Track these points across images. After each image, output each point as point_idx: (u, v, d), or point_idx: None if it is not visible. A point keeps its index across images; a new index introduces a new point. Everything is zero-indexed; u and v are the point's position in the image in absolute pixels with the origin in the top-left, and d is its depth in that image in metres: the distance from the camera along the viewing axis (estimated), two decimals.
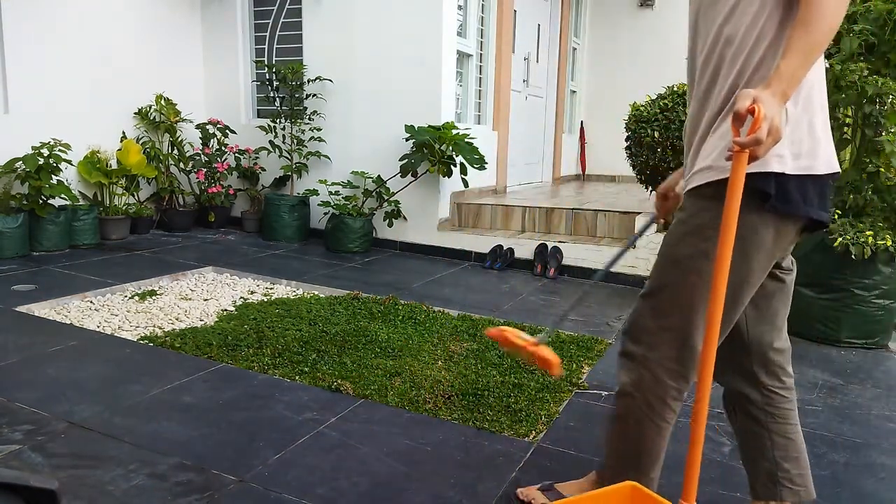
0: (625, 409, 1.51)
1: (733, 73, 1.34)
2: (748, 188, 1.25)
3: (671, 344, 1.42)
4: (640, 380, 1.46)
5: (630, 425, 1.50)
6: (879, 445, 2.21)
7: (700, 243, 1.36)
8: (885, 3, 3.39)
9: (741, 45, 1.33)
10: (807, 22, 1.20)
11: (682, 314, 1.40)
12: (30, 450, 1.92)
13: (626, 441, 1.53)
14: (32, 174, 4.40)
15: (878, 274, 3.18)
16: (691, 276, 1.38)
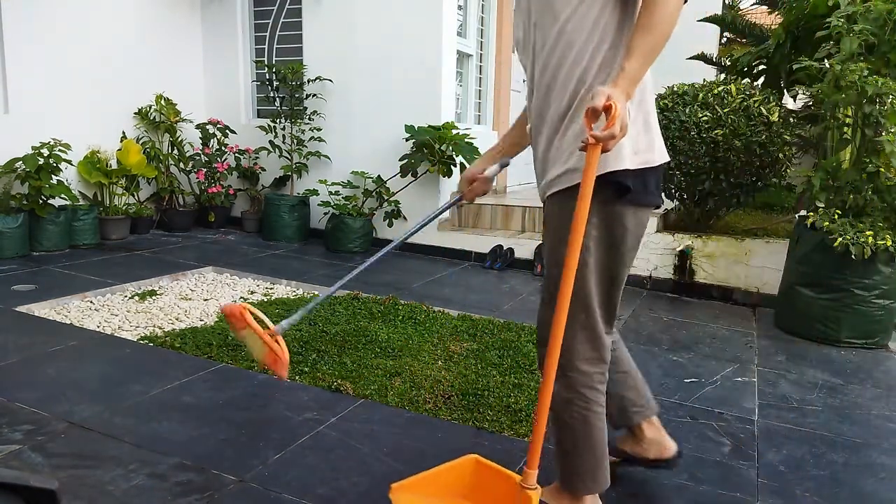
0: (569, 416, 1.57)
1: (576, 75, 1.45)
2: (607, 183, 1.42)
3: (584, 340, 1.55)
4: (572, 383, 1.55)
5: (578, 428, 1.58)
6: (879, 445, 2.21)
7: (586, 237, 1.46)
8: (885, 3, 3.39)
9: (583, 48, 1.43)
10: (649, 27, 1.33)
11: (586, 310, 1.53)
12: (30, 450, 1.92)
13: (581, 443, 1.59)
14: (32, 174, 4.40)
15: (878, 274, 3.18)
16: (583, 271, 1.49)
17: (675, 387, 2.64)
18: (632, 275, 4.37)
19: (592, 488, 1.61)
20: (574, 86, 1.45)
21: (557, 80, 1.47)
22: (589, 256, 1.48)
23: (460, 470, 1.46)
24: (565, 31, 1.44)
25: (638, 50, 1.33)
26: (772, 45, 4.43)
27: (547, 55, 1.48)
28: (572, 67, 1.45)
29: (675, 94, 4.26)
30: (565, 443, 1.60)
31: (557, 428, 1.61)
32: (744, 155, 3.98)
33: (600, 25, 1.43)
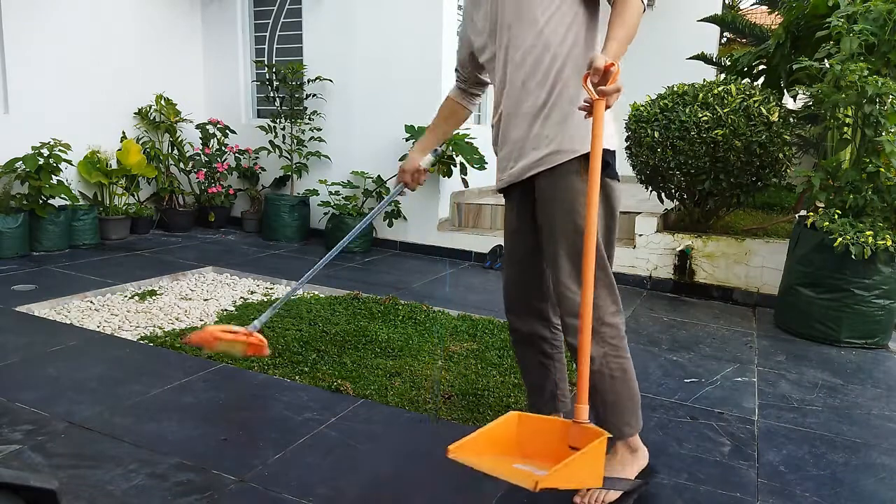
0: (608, 368, 1.74)
1: (553, 72, 1.66)
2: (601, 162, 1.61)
3: (606, 296, 1.74)
4: (604, 338, 1.73)
5: (617, 377, 1.75)
6: (879, 445, 2.21)
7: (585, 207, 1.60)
8: (885, 3, 3.39)
9: (558, 50, 1.65)
10: (624, 20, 1.55)
11: (602, 267, 1.72)
12: (30, 450, 1.92)
13: (623, 390, 1.77)
14: (32, 174, 4.40)
15: (878, 274, 3.18)
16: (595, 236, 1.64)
17: (675, 387, 2.64)
18: (632, 275, 4.38)
19: (637, 427, 1.82)
20: (552, 81, 1.67)
21: (535, 77, 1.68)
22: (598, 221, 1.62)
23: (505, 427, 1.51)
24: (544, 33, 1.65)
25: (617, 38, 1.53)
26: (772, 45, 4.43)
27: (524, 54, 1.68)
28: (550, 66, 1.66)
29: (675, 94, 4.25)
30: (607, 395, 1.75)
31: (599, 384, 1.73)
32: (744, 155, 3.98)
33: (573, 29, 1.66)
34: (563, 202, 1.71)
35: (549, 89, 1.68)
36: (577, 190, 1.69)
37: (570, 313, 1.74)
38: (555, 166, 1.70)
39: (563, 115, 1.68)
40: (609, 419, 1.77)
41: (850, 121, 3.52)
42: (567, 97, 1.67)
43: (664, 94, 4.33)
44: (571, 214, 1.70)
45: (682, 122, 4.07)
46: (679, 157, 4.11)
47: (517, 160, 1.76)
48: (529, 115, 1.71)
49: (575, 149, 1.67)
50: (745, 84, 4.23)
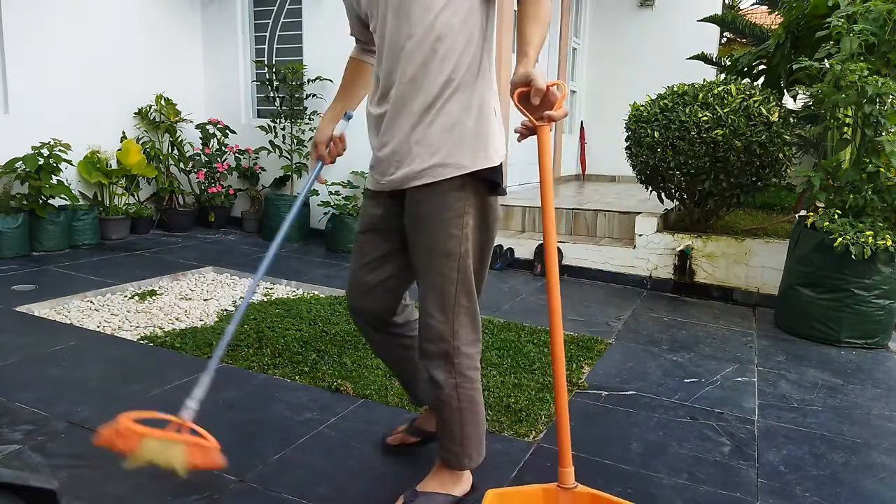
0: (457, 399, 1.64)
1: (446, 70, 1.49)
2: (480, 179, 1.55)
3: (467, 324, 1.62)
4: (459, 368, 1.62)
5: (465, 407, 1.66)
6: (879, 445, 2.21)
7: (461, 230, 1.56)
8: (885, 3, 3.39)
9: (452, 44, 1.49)
10: (538, 18, 1.44)
11: (467, 295, 1.61)
12: (30, 450, 1.92)
13: (469, 421, 1.68)
14: (32, 174, 4.40)
15: (878, 274, 3.18)
16: (464, 260, 1.58)
17: (675, 387, 2.64)
18: (632, 275, 4.38)
19: (477, 461, 1.74)
20: (443, 80, 1.50)
21: (427, 73, 1.50)
22: (469, 245, 1.58)
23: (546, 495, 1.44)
24: (435, 26, 1.47)
25: (535, 39, 1.43)
26: (772, 45, 4.43)
27: (415, 46, 1.49)
28: (442, 63, 1.49)
29: (676, 94, 4.25)
30: (453, 424, 1.67)
31: (445, 412, 1.66)
32: (744, 155, 3.98)
33: (468, 26, 1.50)
34: (436, 221, 1.55)
35: (438, 90, 1.50)
36: (451, 208, 1.54)
37: (427, 338, 1.62)
38: (436, 182, 1.54)
39: (450, 121, 1.52)
40: (452, 448, 1.70)
41: (850, 121, 3.52)
42: (458, 101, 1.52)
43: (664, 94, 4.34)
44: (442, 235, 1.55)
45: (682, 122, 4.07)
46: (679, 157, 4.11)
47: (398, 166, 1.58)
48: (415, 115, 1.53)
49: (462, 164, 1.52)
50: (746, 84, 4.23)
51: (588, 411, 2.38)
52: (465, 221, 1.56)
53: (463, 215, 1.56)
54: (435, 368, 1.63)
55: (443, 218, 1.55)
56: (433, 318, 1.60)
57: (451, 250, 1.56)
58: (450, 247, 1.56)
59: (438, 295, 1.59)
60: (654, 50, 7.99)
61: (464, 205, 1.55)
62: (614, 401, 2.48)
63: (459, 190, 1.55)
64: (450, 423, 1.67)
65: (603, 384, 2.63)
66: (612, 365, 2.85)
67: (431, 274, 1.59)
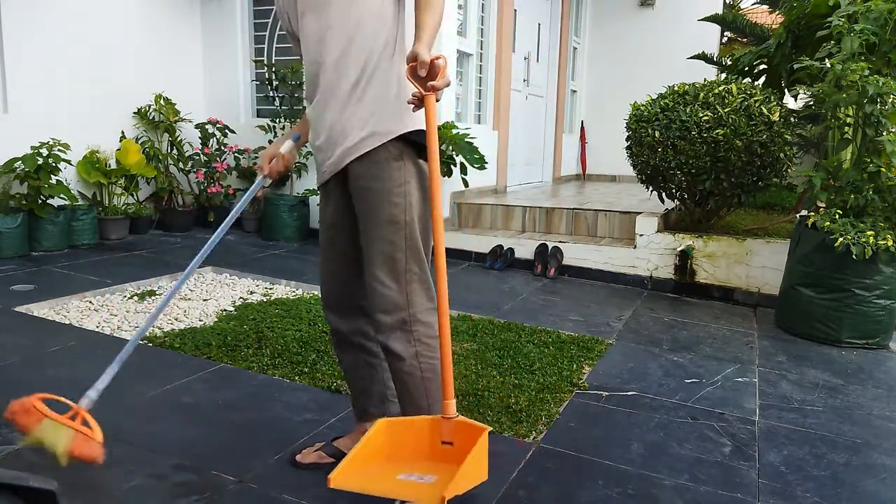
0: (418, 370, 1.63)
1: (365, 51, 1.59)
2: (412, 142, 1.60)
3: (421, 291, 1.64)
4: (415, 336, 1.63)
5: (428, 377, 1.64)
6: (880, 446, 2.20)
7: (405, 197, 1.60)
8: (885, 3, 3.38)
9: (371, 28, 1.59)
10: (430, 5, 1.53)
11: (418, 261, 1.64)
12: (30, 450, 1.91)
13: (432, 391, 1.65)
14: (32, 174, 4.39)
15: (879, 274, 3.18)
16: (410, 227, 1.61)
17: (675, 387, 2.63)
18: (632, 275, 4.37)
19: None
20: (364, 61, 1.59)
21: (349, 57, 1.59)
22: (414, 212, 1.61)
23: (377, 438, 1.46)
24: (352, 14, 1.58)
25: (428, 25, 1.51)
26: (772, 44, 4.43)
27: (334, 35, 1.59)
28: (361, 45, 1.59)
29: (676, 94, 4.25)
30: (420, 398, 1.65)
31: (410, 385, 1.64)
32: (745, 155, 3.97)
33: (382, 10, 1.61)
34: (378, 191, 1.60)
35: (359, 72, 1.59)
36: (392, 178, 1.59)
37: (381, 309, 1.63)
38: (369, 151, 1.60)
39: (374, 96, 1.60)
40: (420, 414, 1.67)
41: (850, 120, 3.51)
42: (379, 79, 1.60)
43: (665, 93, 4.33)
44: (386, 204, 1.60)
45: (682, 121, 4.07)
46: (680, 157, 4.11)
47: (334, 149, 1.64)
48: (343, 98, 1.60)
49: (390, 130, 1.58)
50: (746, 84, 4.23)
51: (588, 411, 2.37)
52: (407, 190, 1.60)
53: (404, 184, 1.60)
54: (394, 340, 1.62)
55: (385, 188, 1.60)
56: (385, 286, 1.61)
57: (396, 218, 1.60)
58: (395, 214, 1.60)
59: (389, 263, 1.61)
60: (654, 50, 7.99)
61: (403, 173, 1.60)
62: (615, 401, 2.47)
63: (398, 160, 1.60)
64: (417, 396, 1.64)
65: (603, 384, 2.62)
66: (612, 365, 2.85)
67: (379, 243, 1.61)
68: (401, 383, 1.66)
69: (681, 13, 7.81)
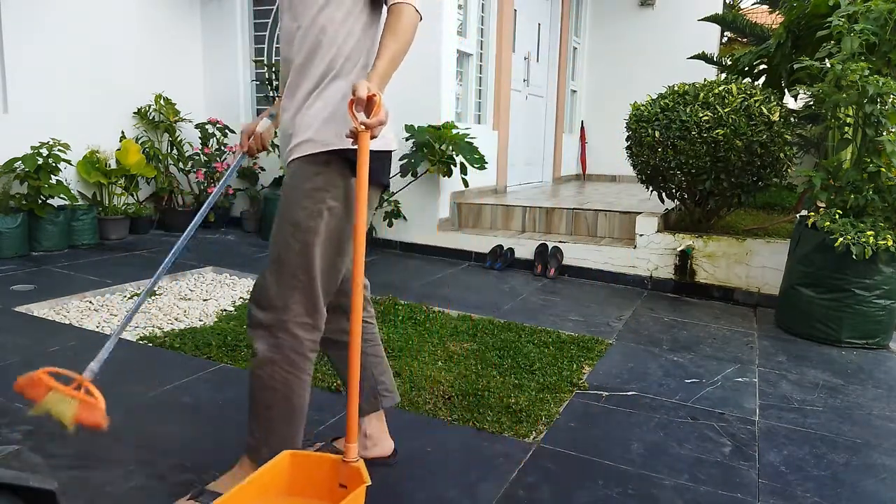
0: (269, 376, 1.57)
1: (327, 59, 1.57)
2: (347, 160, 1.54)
3: (301, 302, 1.56)
4: (279, 343, 1.56)
5: (279, 390, 1.57)
6: (880, 446, 2.20)
7: (315, 205, 1.54)
8: (885, 3, 3.38)
9: (334, 36, 1.56)
10: (395, 31, 1.49)
11: (307, 272, 1.56)
12: (30, 450, 1.91)
13: (278, 407, 1.58)
14: (32, 174, 4.39)
15: (879, 274, 3.18)
16: (310, 235, 1.55)
17: (675, 387, 2.63)
18: (632, 275, 4.37)
19: None
20: (323, 68, 1.57)
21: (312, 61, 1.58)
22: (321, 223, 1.55)
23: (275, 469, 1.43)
24: (318, 18, 1.56)
25: (388, 52, 1.47)
26: (772, 44, 4.43)
27: (302, 37, 1.58)
28: (324, 54, 1.57)
29: (676, 94, 4.25)
30: (259, 406, 1.59)
31: (255, 389, 1.58)
32: (745, 155, 3.97)
33: (352, 17, 1.58)
34: (293, 192, 1.57)
35: (320, 77, 1.57)
36: (313, 183, 1.55)
37: (255, 301, 1.59)
38: (304, 156, 1.57)
39: (326, 104, 1.56)
40: (254, 433, 1.61)
41: (850, 120, 3.51)
42: (336, 88, 1.58)
43: (665, 93, 4.33)
44: (295, 206, 1.55)
45: (682, 121, 4.07)
46: (680, 157, 4.11)
47: (286, 146, 1.64)
48: (301, 100, 1.60)
49: (328, 141, 1.54)
50: (746, 84, 4.23)
51: (588, 411, 2.38)
52: (321, 197, 1.54)
53: (321, 191, 1.54)
54: (258, 338, 1.57)
55: (299, 188, 1.56)
56: (268, 281, 1.57)
57: (298, 220, 1.54)
58: (298, 217, 1.54)
59: (277, 263, 1.56)
60: (654, 50, 7.99)
61: (324, 180, 1.55)
62: (615, 401, 2.47)
63: (323, 165, 1.55)
64: (258, 402, 1.59)
65: (603, 384, 2.62)
66: (612, 365, 2.85)
67: (276, 242, 1.57)
68: (249, 383, 1.60)
69: (681, 13, 7.81)
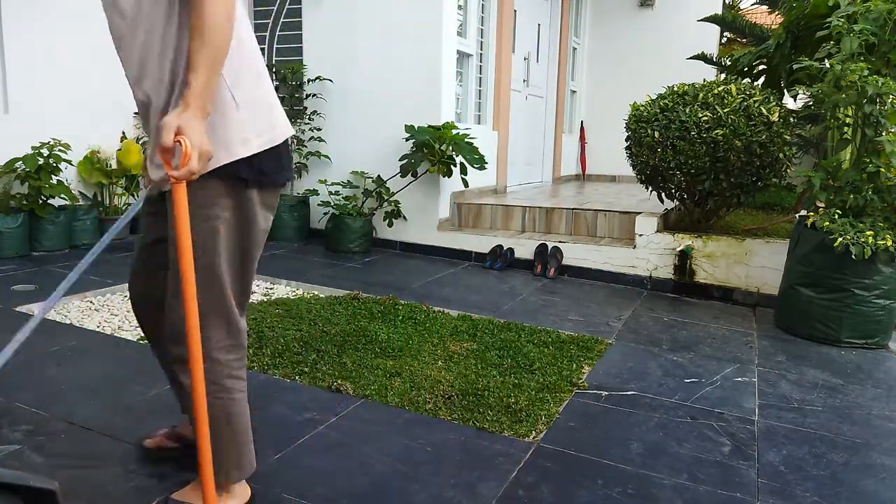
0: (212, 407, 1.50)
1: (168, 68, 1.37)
2: (230, 175, 1.40)
3: (217, 325, 1.50)
4: (207, 374, 1.46)
5: (218, 417, 1.53)
6: (880, 445, 2.21)
7: (208, 223, 1.44)
8: (885, 3, 3.39)
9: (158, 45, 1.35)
10: (200, 32, 1.24)
11: (216, 293, 1.48)
12: (30, 450, 1.92)
13: (226, 433, 1.56)
14: (32, 174, 4.39)
15: (879, 274, 3.18)
16: (211, 255, 1.46)
17: (675, 387, 2.64)
18: (632, 275, 4.38)
19: (237, 476, 1.60)
20: (169, 78, 1.37)
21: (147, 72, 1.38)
22: (219, 241, 1.45)
23: None
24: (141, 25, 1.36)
25: (198, 63, 1.25)
26: (772, 44, 4.43)
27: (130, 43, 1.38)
28: (161, 59, 1.36)
29: (676, 94, 4.26)
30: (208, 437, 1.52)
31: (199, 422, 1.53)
32: (744, 155, 3.98)
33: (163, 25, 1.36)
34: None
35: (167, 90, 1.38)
36: (198, 200, 1.41)
37: (175, 340, 1.51)
38: None
39: None
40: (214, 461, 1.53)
41: (850, 121, 3.51)
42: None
43: (664, 93, 4.34)
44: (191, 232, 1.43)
45: (682, 122, 4.07)
46: (679, 157, 4.11)
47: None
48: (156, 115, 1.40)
49: None
50: (746, 84, 4.23)
51: (588, 411, 2.38)
52: (213, 214, 1.43)
53: (210, 207, 1.42)
54: (183, 373, 1.51)
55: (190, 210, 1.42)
56: (177, 314, 1.47)
57: (195, 243, 1.40)
58: (195, 240, 1.40)
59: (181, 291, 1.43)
60: (654, 50, 7.99)
61: (210, 196, 1.42)
62: (614, 401, 2.48)
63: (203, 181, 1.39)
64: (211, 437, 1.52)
65: (603, 384, 2.63)
66: (612, 365, 2.85)
67: (175, 268, 1.45)
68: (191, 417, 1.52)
69: (681, 13, 7.81)
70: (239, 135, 1.41)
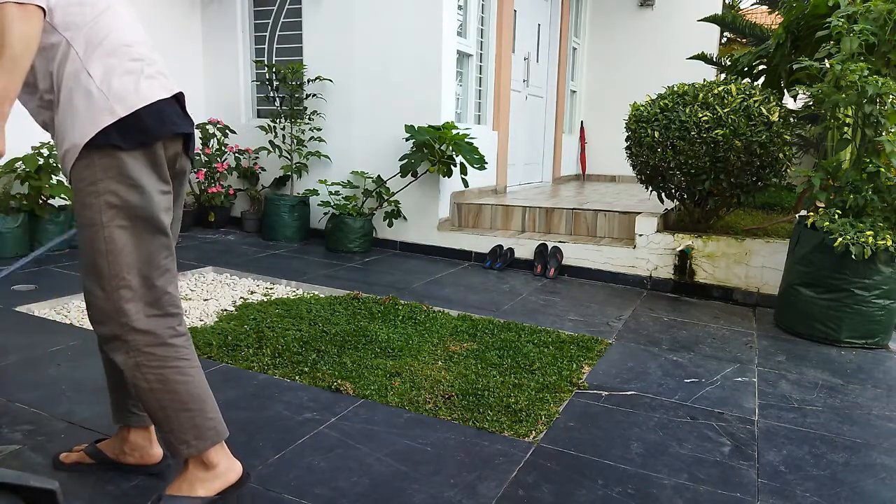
0: (144, 379, 1.52)
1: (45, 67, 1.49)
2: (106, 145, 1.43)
3: (134, 299, 1.50)
4: (133, 346, 1.50)
5: (158, 388, 1.53)
6: (880, 445, 2.21)
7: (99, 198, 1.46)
8: (885, 3, 3.39)
9: None
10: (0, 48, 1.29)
11: (128, 265, 1.49)
12: (30, 450, 1.92)
13: (168, 404, 1.54)
14: (32, 174, 4.39)
15: (879, 274, 3.18)
16: (110, 230, 1.47)
17: (675, 387, 2.64)
18: (632, 275, 4.38)
19: (200, 447, 1.56)
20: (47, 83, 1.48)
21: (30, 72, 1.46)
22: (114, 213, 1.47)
23: None
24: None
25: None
26: (772, 44, 4.43)
27: None
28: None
29: (676, 94, 4.26)
30: (153, 410, 1.54)
31: (140, 397, 1.54)
32: (744, 155, 3.98)
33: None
34: (78, 196, 1.49)
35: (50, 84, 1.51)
36: (85, 179, 1.46)
37: (93, 319, 1.53)
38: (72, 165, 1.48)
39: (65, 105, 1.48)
40: (165, 436, 1.56)
41: (850, 121, 3.52)
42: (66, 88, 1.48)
43: (664, 93, 4.34)
44: (81, 208, 1.48)
45: (682, 122, 4.07)
46: (679, 157, 4.11)
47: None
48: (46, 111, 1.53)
49: (75, 143, 1.45)
50: (746, 84, 4.23)
51: (588, 411, 2.38)
52: (100, 188, 1.46)
53: (96, 182, 1.45)
54: (113, 351, 1.53)
55: (80, 191, 1.48)
56: (93, 294, 1.50)
57: (91, 219, 1.46)
58: (88, 216, 1.46)
59: (93, 270, 1.49)
60: (654, 50, 8.00)
61: (93, 171, 1.45)
62: (614, 401, 2.48)
63: (86, 160, 1.45)
64: (150, 408, 1.55)
65: (603, 384, 2.63)
66: (612, 365, 2.85)
67: (84, 251, 1.50)
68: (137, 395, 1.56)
69: (680, 13, 7.81)
70: (104, 105, 1.44)
